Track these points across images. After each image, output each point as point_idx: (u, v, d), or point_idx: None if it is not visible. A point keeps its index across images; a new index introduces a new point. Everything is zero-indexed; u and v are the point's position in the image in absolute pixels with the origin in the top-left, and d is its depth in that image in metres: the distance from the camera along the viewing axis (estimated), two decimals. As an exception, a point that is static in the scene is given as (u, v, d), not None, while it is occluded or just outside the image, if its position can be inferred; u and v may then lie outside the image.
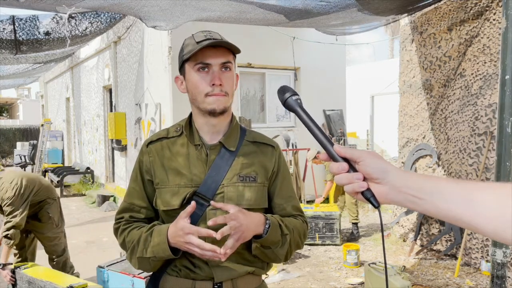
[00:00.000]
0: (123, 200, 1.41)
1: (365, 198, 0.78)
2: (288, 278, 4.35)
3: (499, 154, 2.58)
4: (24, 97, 34.79)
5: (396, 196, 0.76)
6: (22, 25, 4.70)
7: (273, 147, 1.43)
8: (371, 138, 10.56)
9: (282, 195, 1.40)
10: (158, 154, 1.35)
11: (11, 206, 3.42)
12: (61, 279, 2.89)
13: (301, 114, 0.90)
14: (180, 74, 1.37)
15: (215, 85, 1.27)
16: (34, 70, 8.25)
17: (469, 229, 0.73)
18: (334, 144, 0.82)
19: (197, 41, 1.27)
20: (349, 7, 3.57)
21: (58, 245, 3.89)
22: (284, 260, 1.37)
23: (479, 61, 4.39)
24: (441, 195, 0.71)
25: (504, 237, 0.66)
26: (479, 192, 0.69)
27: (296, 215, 1.41)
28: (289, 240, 1.32)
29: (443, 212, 0.72)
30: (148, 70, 7.53)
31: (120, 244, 1.38)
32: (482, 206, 0.68)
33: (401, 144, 5.64)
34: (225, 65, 1.29)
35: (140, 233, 1.31)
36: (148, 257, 1.27)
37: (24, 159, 13.98)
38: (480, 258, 4.34)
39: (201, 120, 1.34)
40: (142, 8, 3.66)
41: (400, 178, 0.76)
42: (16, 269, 3.13)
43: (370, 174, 0.77)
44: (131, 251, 1.32)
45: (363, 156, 0.78)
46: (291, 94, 0.93)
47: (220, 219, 1.17)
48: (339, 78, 8.68)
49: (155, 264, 1.30)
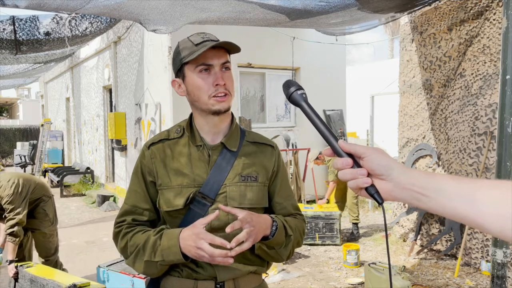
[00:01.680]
0: (124, 202, 1.40)
1: (369, 194, 0.77)
2: (288, 278, 4.35)
3: (500, 154, 2.58)
4: (24, 97, 34.80)
5: (400, 193, 0.75)
6: (22, 25, 4.70)
7: (273, 147, 1.46)
8: (371, 138, 10.54)
9: (282, 194, 1.43)
10: (160, 155, 1.36)
11: (12, 204, 3.49)
12: (63, 278, 2.90)
13: (306, 108, 0.89)
14: (177, 77, 1.37)
15: (218, 85, 1.28)
16: (34, 70, 8.25)
17: (474, 227, 0.73)
18: (339, 139, 0.82)
19: (196, 44, 1.28)
20: (349, 6, 3.57)
21: (52, 243, 3.98)
22: (286, 260, 1.39)
23: (479, 61, 4.39)
24: (446, 193, 0.71)
25: (508, 235, 0.66)
26: (484, 190, 0.69)
27: (295, 213, 1.44)
28: (293, 240, 1.35)
29: (448, 209, 0.71)
30: (148, 70, 7.53)
31: (121, 247, 1.35)
32: (487, 204, 0.67)
33: (401, 144, 5.64)
34: (225, 65, 1.31)
35: (147, 236, 1.29)
36: (156, 261, 1.26)
37: (24, 159, 13.98)
38: (480, 258, 4.34)
39: (203, 121, 1.35)
40: (142, 12, 3.66)
41: (404, 175, 0.75)
42: (18, 267, 3.16)
43: (375, 170, 0.77)
44: (136, 255, 1.30)
45: (367, 152, 0.78)
46: (296, 88, 0.91)
47: (237, 224, 1.16)
48: (339, 78, 8.68)
49: (162, 268, 1.29)
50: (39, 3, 3.29)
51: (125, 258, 1.36)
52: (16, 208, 3.49)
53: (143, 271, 1.30)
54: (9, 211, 3.49)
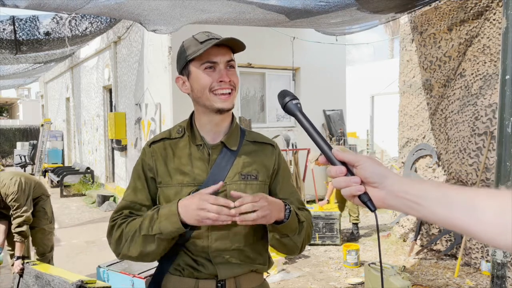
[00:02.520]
0: (122, 199, 1.40)
1: (362, 201, 0.79)
2: (288, 278, 4.35)
3: (499, 154, 2.58)
4: (24, 97, 34.78)
5: (393, 201, 0.77)
6: (22, 25, 4.70)
7: (273, 146, 1.47)
8: (371, 138, 10.55)
9: (285, 190, 1.43)
10: (161, 153, 1.37)
11: (17, 202, 3.56)
12: (68, 275, 2.92)
13: (300, 118, 0.92)
14: (182, 75, 1.38)
15: (223, 82, 1.30)
16: (34, 70, 8.25)
17: (467, 235, 0.74)
18: (333, 148, 0.84)
19: (201, 41, 1.30)
20: (349, 6, 3.57)
21: (50, 240, 4.06)
22: (300, 251, 1.36)
23: (479, 61, 4.39)
24: (439, 201, 0.72)
25: (502, 244, 0.67)
26: (478, 199, 0.70)
27: (302, 208, 1.44)
28: (305, 227, 1.34)
29: (441, 218, 0.72)
30: (148, 70, 7.53)
31: (115, 239, 1.29)
32: (481, 213, 0.68)
33: (401, 144, 5.64)
34: (229, 63, 1.33)
35: (143, 217, 1.27)
36: (153, 234, 1.22)
37: (24, 159, 13.99)
38: (480, 258, 4.34)
39: (204, 119, 1.36)
40: (142, 13, 3.66)
41: (398, 183, 0.76)
42: (25, 264, 3.20)
43: (368, 178, 0.78)
44: (132, 237, 1.26)
45: (361, 161, 0.79)
46: (291, 98, 0.95)
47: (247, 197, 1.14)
48: (339, 78, 8.67)
49: (160, 245, 1.24)
50: (39, 3, 3.29)
51: (118, 249, 1.30)
52: (22, 205, 3.56)
53: (139, 250, 1.25)
54: (15, 208, 3.56)
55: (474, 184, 4.37)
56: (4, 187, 3.55)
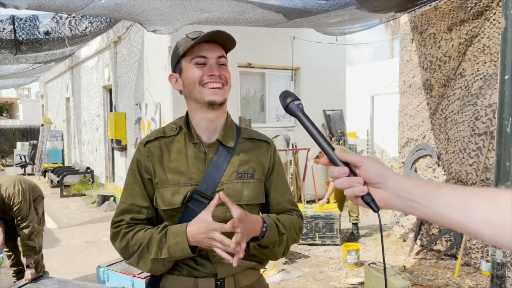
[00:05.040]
0: (121, 201, 1.39)
1: (365, 202, 0.79)
2: (288, 278, 4.35)
3: (499, 154, 2.58)
4: (24, 97, 34.76)
5: (396, 201, 0.77)
6: (22, 25, 4.70)
7: (268, 143, 1.47)
8: (371, 138, 10.54)
9: (278, 189, 1.44)
10: (157, 153, 1.36)
11: (21, 211, 3.54)
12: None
13: (302, 119, 0.92)
14: (175, 72, 1.39)
15: (213, 76, 1.31)
16: (34, 70, 8.25)
17: (468, 235, 0.74)
18: (335, 148, 0.84)
19: (192, 38, 1.32)
20: (348, 5, 3.57)
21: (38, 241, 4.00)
22: (281, 257, 1.40)
23: (479, 61, 4.39)
24: (440, 201, 0.72)
25: (501, 242, 0.67)
26: (478, 198, 0.70)
27: (292, 209, 1.45)
28: (286, 238, 1.35)
29: (442, 217, 0.73)
30: (148, 70, 7.53)
31: (121, 248, 1.33)
32: (481, 212, 0.69)
33: (401, 144, 5.64)
34: (220, 60, 1.33)
35: (150, 234, 1.28)
36: (163, 258, 1.26)
37: (24, 159, 14.00)
38: (480, 258, 4.34)
39: (199, 116, 1.36)
40: (142, 13, 3.66)
41: (400, 183, 0.77)
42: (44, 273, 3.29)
43: (371, 179, 0.79)
44: (140, 254, 1.29)
45: (363, 161, 0.79)
46: (292, 99, 0.95)
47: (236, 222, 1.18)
48: (339, 78, 8.67)
49: (169, 265, 1.30)
50: (39, 4, 3.29)
51: (126, 258, 1.35)
52: (27, 214, 3.56)
53: (149, 269, 1.30)
54: (19, 219, 3.54)
55: (474, 184, 4.37)
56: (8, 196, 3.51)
